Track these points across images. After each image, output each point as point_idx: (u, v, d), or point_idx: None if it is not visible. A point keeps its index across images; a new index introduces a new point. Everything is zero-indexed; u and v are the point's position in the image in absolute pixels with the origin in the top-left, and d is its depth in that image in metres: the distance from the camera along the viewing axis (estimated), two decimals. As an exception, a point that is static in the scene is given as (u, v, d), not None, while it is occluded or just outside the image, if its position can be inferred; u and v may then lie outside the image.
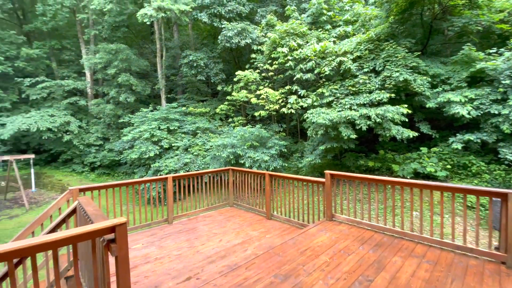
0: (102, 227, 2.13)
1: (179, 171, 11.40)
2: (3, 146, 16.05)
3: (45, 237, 1.90)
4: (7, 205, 12.72)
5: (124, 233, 2.24)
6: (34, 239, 1.87)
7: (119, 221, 2.20)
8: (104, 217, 2.86)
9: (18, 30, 19.32)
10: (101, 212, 3.08)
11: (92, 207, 3.36)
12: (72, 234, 2.00)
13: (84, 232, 2.05)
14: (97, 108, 17.69)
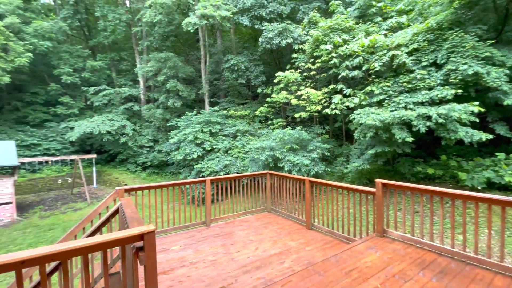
0: (130, 234, 2.04)
1: (219, 173, 11.58)
2: (71, 147, 18.47)
3: (75, 243, 1.87)
4: (73, 199, 14.52)
5: (152, 242, 2.13)
6: (65, 245, 1.85)
7: (148, 229, 2.10)
8: (139, 221, 2.84)
9: (84, 45, 22.15)
10: (137, 216, 3.08)
11: (131, 209, 3.41)
12: (101, 240, 1.95)
13: (113, 239, 1.99)
14: (148, 113, 19.20)
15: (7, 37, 14.98)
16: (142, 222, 2.84)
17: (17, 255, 1.71)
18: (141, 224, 2.81)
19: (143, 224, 2.81)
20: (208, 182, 5.57)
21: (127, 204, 3.69)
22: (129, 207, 3.49)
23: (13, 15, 16.10)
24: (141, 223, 2.81)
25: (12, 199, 11.59)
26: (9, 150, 12.27)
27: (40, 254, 1.72)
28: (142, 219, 2.94)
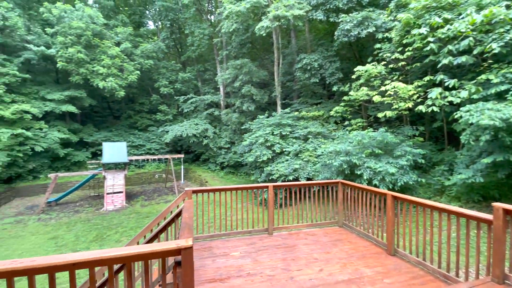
0: (166, 248, 1.92)
1: (288, 177, 11.19)
2: (166, 147, 21.68)
3: (120, 251, 1.87)
4: (166, 192, 16.91)
5: (190, 258, 1.95)
6: (110, 252, 1.87)
7: (185, 245, 1.93)
8: (189, 229, 2.78)
9: (177, 60, 25.69)
10: (191, 222, 3.04)
11: (188, 213, 3.44)
12: (140, 251, 1.89)
13: (151, 251, 1.91)
14: (226, 117, 20.64)
15: (122, 59, 18.88)
16: (191, 231, 2.77)
17: (69, 258, 1.81)
18: (191, 233, 2.73)
19: (192, 233, 2.74)
20: (271, 189, 5.28)
21: (187, 208, 3.78)
22: (188, 211, 3.54)
23: (126, 41, 20.18)
24: (191, 232, 2.74)
25: (123, 189, 14.38)
26: (122, 150, 15.30)
27: (87, 259, 1.77)
28: (191, 228, 2.87)
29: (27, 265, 1.74)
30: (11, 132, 14.38)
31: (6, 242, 9.76)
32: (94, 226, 11.44)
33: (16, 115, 15.03)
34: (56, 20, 17.12)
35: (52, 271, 1.81)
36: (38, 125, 16.45)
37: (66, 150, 17.74)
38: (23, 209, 13.39)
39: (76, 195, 15.95)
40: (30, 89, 17.17)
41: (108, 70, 17.91)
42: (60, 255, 1.86)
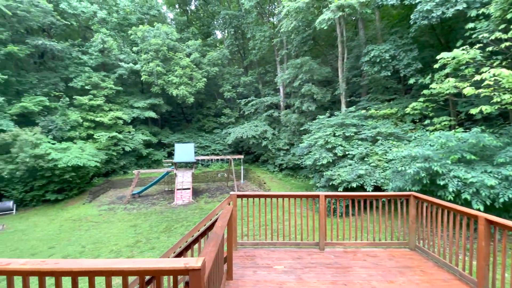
0: (173, 267, 1.73)
1: (351, 184, 10.06)
2: (229, 148, 22.76)
3: (130, 264, 1.79)
4: (227, 191, 17.70)
5: (198, 281, 1.72)
6: (123, 263, 1.81)
7: (193, 266, 1.71)
8: (216, 242, 2.57)
9: (239, 65, 26.69)
10: (221, 233, 2.85)
11: (222, 222, 3.27)
12: (149, 267, 1.77)
13: (159, 268, 1.75)
14: (285, 118, 20.29)
15: (192, 69, 20.73)
16: (217, 244, 2.56)
17: (88, 264, 1.82)
18: (216, 245, 2.53)
19: (217, 246, 2.53)
20: (322, 199, 4.69)
21: (223, 215, 3.63)
22: (222, 219, 3.37)
23: (196, 52, 22.09)
24: (216, 245, 2.53)
25: (190, 186, 15.69)
26: (190, 150, 16.75)
27: (104, 268, 1.75)
28: (219, 239, 2.66)
29: (51, 267, 1.82)
30: (108, 135, 17.53)
31: (100, 226, 11.82)
32: (165, 218, 12.78)
33: (112, 121, 18.26)
34: (140, 40, 20.11)
35: (74, 275, 1.85)
36: (127, 129, 19.62)
37: (148, 150, 20.60)
38: (115, 198, 16.09)
39: (154, 189, 18.30)
40: (122, 99, 20.65)
41: (180, 79, 19.95)
42: (82, 260, 1.90)
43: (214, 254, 2.31)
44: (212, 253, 2.30)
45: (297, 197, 4.95)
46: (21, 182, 13.33)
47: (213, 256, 2.27)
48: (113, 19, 20.87)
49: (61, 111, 16.52)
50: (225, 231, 3.26)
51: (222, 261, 3.51)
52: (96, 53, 18.93)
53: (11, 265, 1.85)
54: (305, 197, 4.93)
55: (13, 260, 1.90)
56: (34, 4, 15.17)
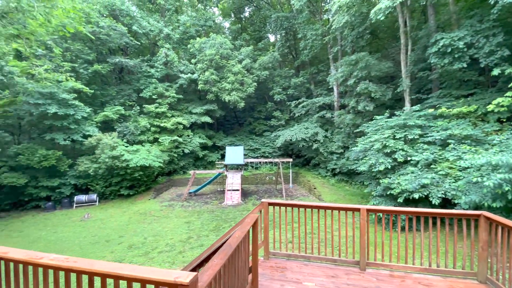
0: (161, 279, 1.74)
1: (413, 194, 8.75)
2: (278, 151, 22.63)
3: (126, 271, 1.87)
4: (275, 194, 17.60)
5: (186, 300, 1.68)
6: (110, 267, 1.91)
7: (183, 282, 1.69)
8: (226, 254, 2.51)
9: (290, 66, 26.34)
10: (234, 244, 2.77)
11: (241, 231, 3.19)
12: (137, 275, 1.82)
13: (146, 278, 1.78)
14: (339, 119, 19.09)
15: (243, 74, 21.42)
16: (226, 256, 2.48)
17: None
18: (225, 258, 2.45)
19: (225, 258, 2.45)
20: (364, 213, 4.16)
21: (247, 224, 3.54)
22: (242, 229, 3.29)
23: (247, 58, 22.75)
24: (225, 257, 2.46)
25: (239, 187, 16.17)
26: (240, 153, 17.28)
27: (90, 270, 1.87)
28: (229, 251, 2.58)
29: (70, 265, 2.03)
30: (170, 138, 19.51)
31: (160, 220, 13.16)
32: (215, 217, 13.44)
33: (174, 126, 20.28)
34: (197, 52, 21.82)
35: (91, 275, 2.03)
36: (186, 133, 21.48)
37: (204, 152, 22.14)
38: (175, 196, 17.76)
39: (208, 189, 19.52)
40: (183, 106, 22.73)
41: (232, 86, 20.85)
42: (93, 261, 2.07)
43: (219, 267, 2.25)
44: (216, 266, 2.24)
45: (334, 209, 4.52)
46: (102, 179, 15.97)
47: (217, 270, 2.20)
48: (175, 34, 23.24)
49: (133, 118, 19.20)
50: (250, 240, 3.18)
51: (244, 271, 3.43)
52: (160, 66, 21.39)
53: (43, 259, 2.14)
54: (343, 209, 4.45)
55: (45, 255, 2.20)
56: (113, 28, 18.12)
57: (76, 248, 10.29)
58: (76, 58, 17.36)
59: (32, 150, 14.11)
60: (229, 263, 2.68)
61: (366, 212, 4.16)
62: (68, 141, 15.15)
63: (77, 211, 14.64)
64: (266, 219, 4.83)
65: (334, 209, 4.53)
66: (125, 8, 20.18)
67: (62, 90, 14.94)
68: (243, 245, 3.45)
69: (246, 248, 3.58)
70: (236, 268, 3.04)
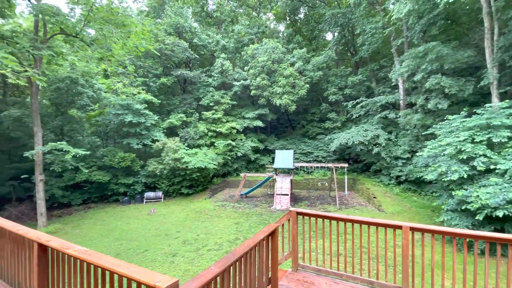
0: (143, 281, 1.81)
1: (496, 211, 6.99)
2: (333, 155, 21.31)
3: (121, 268, 2.01)
4: (328, 201, 16.58)
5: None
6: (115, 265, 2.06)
7: (159, 286, 1.72)
8: (223, 263, 2.46)
9: (346, 64, 24.61)
10: (236, 253, 2.69)
11: (253, 240, 3.09)
12: (122, 272, 1.94)
13: (130, 276, 1.90)
14: (404, 119, 16.84)
15: (295, 77, 21.08)
16: (225, 265, 2.41)
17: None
18: (223, 267, 2.40)
19: (223, 267, 2.39)
20: (406, 231, 3.52)
21: (260, 232, 3.41)
22: (254, 238, 3.18)
23: (299, 60, 22.31)
24: (221, 267, 2.40)
25: (289, 192, 15.86)
26: (289, 157, 16.99)
27: (96, 263, 2.06)
28: (229, 260, 2.50)
29: (85, 257, 2.31)
30: (224, 142, 20.62)
31: (212, 220, 13.96)
32: (263, 221, 13.50)
33: (228, 130, 21.38)
34: (250, 58, 22.54)
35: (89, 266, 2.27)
36: (239, 137, 22.35)
37: (255, 155, 22.63)
38: (228, 197, 18.61)
39: (259, 192, 19.79)
40: (236, 111, 23.77)
41: (283, 89, 20.76)
42: (102, 256, 2.29)
43: (212, 275, 2.21)
44: (210, 275, 2.20)
45: (371, 224, 3.96)
46: (167, 178, 17.96)
47: (209, 278, 2.16)
48: (230, 44, 24.58)
49: (193, 124, 21.05)
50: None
51: (260, 281, 3.30)
52: (217, 75, 22.91)
53: (69, 250, 2.49)
54: (382, 225, 3.84)
55: (72, 245, 2.55)
56: (176, 44, 20.36)
57: (141, 238, 11.76)
58: (147, 73, 20.15)
59: (113, 153, 17.00)
60: (234, 271, 2.61)
61: (409, 230, 3.50)
62: (140, 145, 17.67)
63: (146, 206, 16.82)
64: (294, 229, 4.58)
65: (371, 225, 3.96)
66: (187, 25, 22.45)
67: (136, 101, 17.58)
68: (258, 254, 3.33)
69: (262, 258, 3.45)
70: (247, 278, 2.94)
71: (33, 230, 3.14)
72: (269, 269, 3.73)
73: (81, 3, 13.11)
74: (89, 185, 16.82)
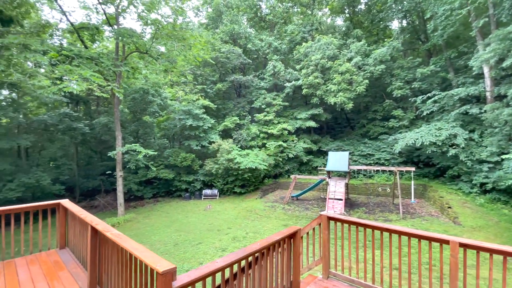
0: (150, 264, 2.04)
1: None
2: (399, 158, 18.93)
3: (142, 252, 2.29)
4: (390, 209, 14.82)
5: (160, 283, 1.91)
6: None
7: (158, 270, 1.94)
8: (236, 255, 2.52)
9: (415, 55, 21.60)
10: (247, 250, 2.70)
11: (267, 240, 3.06)
12: (133, 252, 2.18)
13: (137, 256, 2.13)
14: (491, 115, 13.82)
15: (352, 73, 19.65)
16: (229, 260, 2.45)
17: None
18: (227, 262, 2.44)
19: (227, 262, 2.43)
20: (455, 247, 2.93)
21: (277, 233, 3.34)
22: (269, 238, 3.13)
23: (358, 54, 20.71)
24: (227, 261, 2.44)
25: (343, 196, 14.84)
26: (344, 159, 15.91)
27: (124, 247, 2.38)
28: (239, 255, 2.53)
29: (118, 241, 2.70)
30: (275, 144, 20.73)
31: (261, 220, 14.19)
32: (313, 225, 13.01)
33: (279, 132, 21.41)
34: (302, 56, 22.09)
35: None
36: (291, 138, 22.10)
37: (308, 156, 21.98)
38: (278, 198, 18.60)
39: (312, 195, 19.14)
40: (288, 112, 23.60)
41: (338, 87, 19.61)
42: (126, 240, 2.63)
43: (215, 267, 2.29)
44: (213, 266, 2.29)
45: (412, 236, 3.42)
46: (221, 177, 19.11)
47: (212, 270, 2.25)
48: (283, 45, 24.60)
49: (246, 126, 21.83)
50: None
51: (277, 283, 3.23)
52: (269, 77, 23.22)
53: (108, 232, 2.94)
54: (426, 238, 3.26)
55: (111, 229, 3.02)
56: (231, 51, 21.52)
57: (197, 232, 12.82)
58: (206, 81, 21.90)
59: (177, 153, 19.07)
60: (240, 269, 2.63)
61: (459, 247, 2.90)
62: (198, 146, 19.32)
63: (203, 202, 18.24)
64: (325, 234, 4.33)
65: (412, 236, 3.43)
66: (242, 31, 23.49)
67: (195, 107, 19.33)
68: (275, 255, 3.27)
69: (283, 259, 3.37)
70: (262, 277, 2.92)
71: (90, 214, 3.82)
72: (291, 272, 3.62)
73: (151, 24, 15.22)
74: (158, 181, 19.28)
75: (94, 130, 19.10)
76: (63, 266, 4.15)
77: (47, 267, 4.09)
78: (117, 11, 15.14)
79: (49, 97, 16.42)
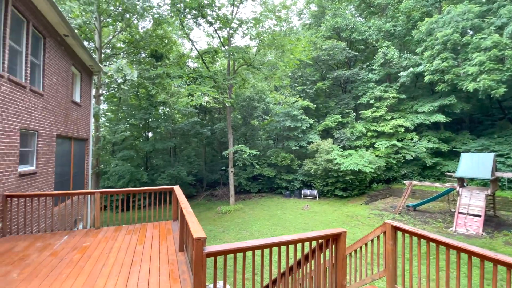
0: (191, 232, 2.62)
1: None
2: None
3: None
4: None
5: (199, 247, 2.46)
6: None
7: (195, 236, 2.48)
8: (261, 241, 2.74)
9: None
10: (274, 239, 2.83)
11: (299, 236, 3.04)
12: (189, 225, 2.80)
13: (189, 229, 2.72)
14: None
15: (503, 46, 14.28)
16: (254, 243, 2.65)
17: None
18: (253, 244, 2.67)
19: (253, 244, 2.66)
20: None
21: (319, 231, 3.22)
22: (303, 235, 3.09)
23: (514, 17, 14.83)
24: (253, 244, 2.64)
25: (482, 212, 11.16)
26: (487, 163, 11.91)
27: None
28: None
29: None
30: (387, 143, 18.04)
31: (363, 227, 12.87)
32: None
33: (392, 129, 18.48)
34: (425, 36, 18.06)
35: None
36: (409, 136, 18.54)
37: (435, 159, 17.73)
38: (389, 206, 16.09)
39: (436, 206, 15.37)
40: (406, 105, 19.86)
41: (480, 68, 14.79)
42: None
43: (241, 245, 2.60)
44: (240, 245, 2.61)
45: (486, 258, 2.42)
46: (320, 178, 18.60)
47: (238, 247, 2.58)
48: (397, 28, 21.01)
49: (350, 125, 20.19)
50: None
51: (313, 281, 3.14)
52: (378, 68, 20.43)
53: (185, 210, 3.83)
54: (497, 262, 2.20)
55: (188, 207, 3.90)
56: (334, 47, 20.52)
57: (292, 228, 13.26)
58: (306, 81, 21.97)
59: (277, 153, 20.20)
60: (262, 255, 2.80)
61: None
62: (297, 146, 19.66)
63: (302, 201, 18.41)
64: (389, 245, 3.69)
65: (487, 259, 2.42)
66: (346, 23, 21.95)
67: (294, 108, 19.81)
68: (315, 254, 3.21)
69: (316, 257, 3.22)
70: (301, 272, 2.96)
71: (183, 197, 4.97)
72: (334, 275, 3.38)
73: (254, 37, 17.09)
74: (262, 178, 21.15)
75: (215, 134, 23.35)
76: (171, 232, 5.59)
77: (162, 231, 5.64)
78: (229, 33, 17.96)
79: (186, 110, 21.57)
